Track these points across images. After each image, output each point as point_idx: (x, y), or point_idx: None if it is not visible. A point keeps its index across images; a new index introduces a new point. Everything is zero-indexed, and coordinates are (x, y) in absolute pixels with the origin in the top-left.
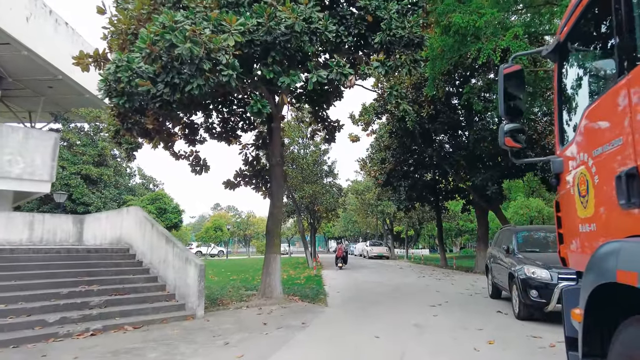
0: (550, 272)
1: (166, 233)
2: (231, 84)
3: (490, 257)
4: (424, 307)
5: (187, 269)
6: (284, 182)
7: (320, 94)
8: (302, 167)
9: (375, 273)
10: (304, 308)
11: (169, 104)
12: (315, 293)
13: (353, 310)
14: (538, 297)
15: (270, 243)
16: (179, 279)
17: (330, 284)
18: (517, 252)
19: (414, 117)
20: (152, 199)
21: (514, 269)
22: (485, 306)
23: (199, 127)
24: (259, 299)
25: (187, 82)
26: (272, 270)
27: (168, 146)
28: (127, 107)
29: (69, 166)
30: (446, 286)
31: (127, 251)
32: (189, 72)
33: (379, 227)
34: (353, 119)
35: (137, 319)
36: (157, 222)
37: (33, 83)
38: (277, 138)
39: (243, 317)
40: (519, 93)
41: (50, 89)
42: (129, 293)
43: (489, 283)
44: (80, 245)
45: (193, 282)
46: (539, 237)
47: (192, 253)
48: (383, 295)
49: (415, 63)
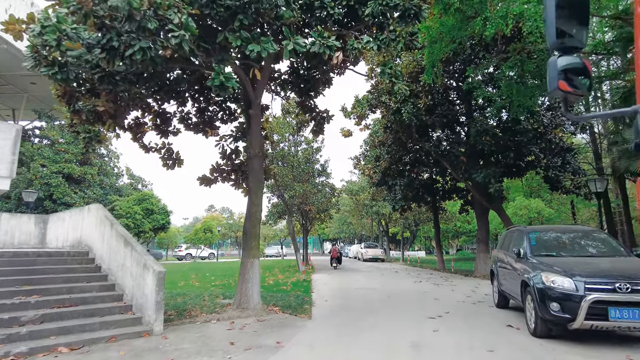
0: (575, 280)
1: (125, 234)
2: (184, 48)
3: (497, 261)
4: (422, 319)
5: (145, 277)
6: (264, 177)
7: (307, 79)
8: (293, 165)
9: (368, 277)
10: (284, 321)
11: (112, 77)
12: (299, 302)
13: (340, 325)
14: (560, 312)
15: (248, 246)
16: (137, 287)
17: (319, 290)
18: (530, 256)
19: (411, 108)
20: (139, 200)
21: (528, 276)
22: (492, 318)
23: (171, 116)
24: (233, 310)
25: (129, 45)
26: (249, 277)
27: (137, 137)
28: (61, 80)
29: (50, 165)
30: (445, 293)
31: (87, 255)
32: (130, 32)
33: (374, 228)
34: (345, 112)
35: (79, 337)
36: (117, 222)
37: (15, 79)
38: (257, 127)
39: (209, 333)
40: (579, 11)
41: (33, 85)
42: (76, 305)
43: (494, 290)
44: (42, 248)
45: (150, 292)
46: (554, 238)
47: (152, 258)
48: (376, 304)
49: (412, 36)
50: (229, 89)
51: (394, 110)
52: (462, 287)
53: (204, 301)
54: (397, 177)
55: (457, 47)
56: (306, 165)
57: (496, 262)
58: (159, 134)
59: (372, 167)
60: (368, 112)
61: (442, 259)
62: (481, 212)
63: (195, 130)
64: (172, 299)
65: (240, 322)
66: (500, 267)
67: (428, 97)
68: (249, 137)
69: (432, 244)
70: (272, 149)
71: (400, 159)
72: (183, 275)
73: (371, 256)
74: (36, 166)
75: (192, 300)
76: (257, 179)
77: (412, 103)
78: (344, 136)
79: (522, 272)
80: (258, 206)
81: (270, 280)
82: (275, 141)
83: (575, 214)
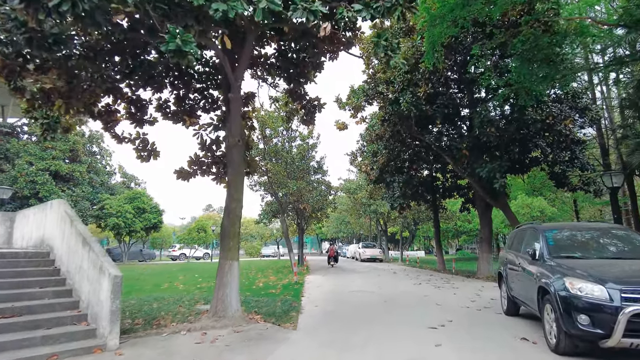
0: (608, 288)
1: (84, 232)
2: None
3: (506, 263)
4: (422, 329)
5: (101, 281)
6: (245, 169)
7: (295, 63)
8: (287, 161)
9: (365, 279)
10: (264, 333)
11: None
12: (285, 309)
13: (328, 337)
14: (590, 326)
15: (226, 246)
16: (93, 293)
17: (310, 294)
18: (548, 257)
19: (410, 98)
20: (130, 198)
21: (547, 281)
22: (502, 328)
23: (147, 104)
24: (208, 319)
25: None
26: (226, 282)
27: (108, 126)
28: None
29: (37, 162)
30: (447, 297)
31: (47, 255)
32: None
33: (372, 228)
34: (339, 103)
35: (13, 355)
36: (78, 219)
37: None
38: (236, 112)
39: (173, 348)
40: None
41: None
42: (19, 315)
43: (502, 295)
44: (8, 248)
45: (106, 299)
46: (574, 236)
47: (110, 260)
48: (372, 310)
49: (410, 3)
50: (188, 55)
51: (392, 100)
52: (464, 290)
53: (180, 307)
54: (396, 174)
55: (458, 32)
56: (301, 162)
57: (505, 264)
58: (133, 123)
59: (369, 163)
60: (364, 104)
61: (443, 260)
62: (484, 210)
63: (174, 119)
64: (146, 304)
65: (214, 333)
66: (510, 270)
67: (428, 85)
68: (227, 124)
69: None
70: (265, 144)
71: (399, 154)
72: (170, 276)
73: (369, 256)
74: (22, 163)
75: (168, 306)
76: (236, 170)
77: (411, 92)
78: (338, 129)
79: (539, 276)
80: (238, 201)
81: (260, 283)
82: (268, 136)
83: (578, 212)
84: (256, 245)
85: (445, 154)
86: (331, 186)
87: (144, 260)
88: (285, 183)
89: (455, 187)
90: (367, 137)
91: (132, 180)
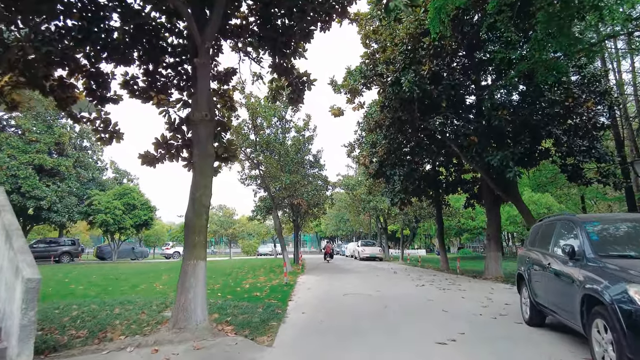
0: None
1: (9, 225)
2: None
3: (528, 263)
4: (429, 345)
5: (15, 287)
6: (214, 150)
7: (281, 32)
8: (280, 153)
9: (363, 279)
10: (231, 351)
11: None
12: (266, 317)
13: (311, 358)
14: None
15: (190, 242)
16: (9, 302)
17: (300, 298)
18: (592, 257)
19: (412, 77)
20: (120, 194)
21: (597, 288)
22: (529, 344)
23: (109, 78)
24: (166, 331)
25: None
26: (189, 286)
27: (63, 105)
28: None
29: (20, 155)
30: (455, 301)
31: None
32: None
33: (372, 225)
34: (334, 86)
35: None
36: (8, 209)
37: None
38: (204, 81)
39: None
40: None
41: None
42: None
43: (523, 302)
44: None
45: (17, 310)
46: (626, 230)
47: (29, 259)
48: (367, 318)
49: None
50: None
51: (393, 82)
52: (473, 293)
53: (142, 313)
54: (396, 167)
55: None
56: (296, 155)
57: (527, 265)
58: (93, 101)
59: (367, 155)
60: (362, 87)
61: (446, 258)
62: (491, 205)
63: (142, 97)
64: (106, 310)
65: (168, 350)
66: (535, 272)
67: (433, 62)
68: (193, 97)
69: (433, 241)
70: (256, 134)
71: (400, 145)
72: (154, 276)
73: (368, 255)
74: (3, 157)
75: (130, 312)
76: (203, 152)
77: (413, 70)
78: (334, 115)
79: (582, 281)
80: (205, 188)
81: (246, 284)
82: (259, 125)
83: (585, 209)
84: (253, 243)
85: (451, 141)
86: (328, 181)
87: (135, 258)
88: (279, 176)
89: (460, 181)
90: (366, 125)
91: (124, 176)
